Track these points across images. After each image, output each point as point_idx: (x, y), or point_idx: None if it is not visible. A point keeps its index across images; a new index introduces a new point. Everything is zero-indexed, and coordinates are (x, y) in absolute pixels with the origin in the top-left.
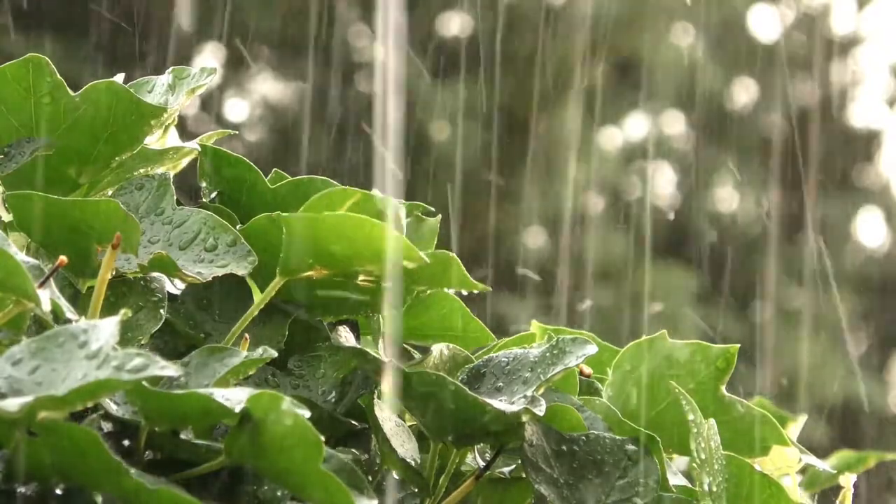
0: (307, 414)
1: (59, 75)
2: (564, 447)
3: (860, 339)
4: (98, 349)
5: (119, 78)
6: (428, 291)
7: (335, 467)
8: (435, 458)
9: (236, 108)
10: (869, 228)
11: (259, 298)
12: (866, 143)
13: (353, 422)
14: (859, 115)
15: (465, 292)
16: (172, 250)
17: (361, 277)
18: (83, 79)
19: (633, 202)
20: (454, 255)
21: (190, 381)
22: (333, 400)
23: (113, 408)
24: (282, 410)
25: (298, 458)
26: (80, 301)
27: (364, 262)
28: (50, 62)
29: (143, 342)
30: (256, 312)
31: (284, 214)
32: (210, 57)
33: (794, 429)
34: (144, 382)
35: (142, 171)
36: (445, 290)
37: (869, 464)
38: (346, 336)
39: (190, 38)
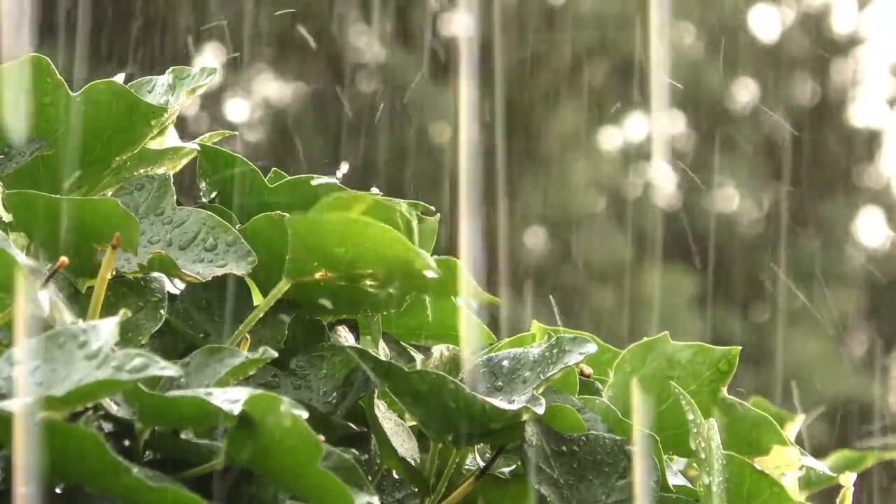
0: (305, 415)
1: (59, 75)
2: (564, 447)
3: (860, 339)
4: (98, 349)
5: (119, 78)
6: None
7: (334, 465)
8: (435, 458)
9: (236, 108)
10: (869, 228)
11: (264, 301)
12: (866, 143)
13: (352, 425)
14: (859, 115)
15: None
16: (172, 250)
17: (367, 281)
18: (83, 79)
19: (633, 202)
20: (459, 261)
21: (190, 381)
22: (334, 401)
23: (113, 408)
24: (280, 412)
25: (297, 458)
26: (80, 301)
27: (368, 266)
28: (50, 62)
29: (142, 342)
30: (261, 314)
31: (289, 216)
32: (210, 57)
33: (794, 428)
34: (142, 385)
35: (142, 171)
36: (454, 299)
37: (868, 464)
38: (345, 336)
39: (190, 38)
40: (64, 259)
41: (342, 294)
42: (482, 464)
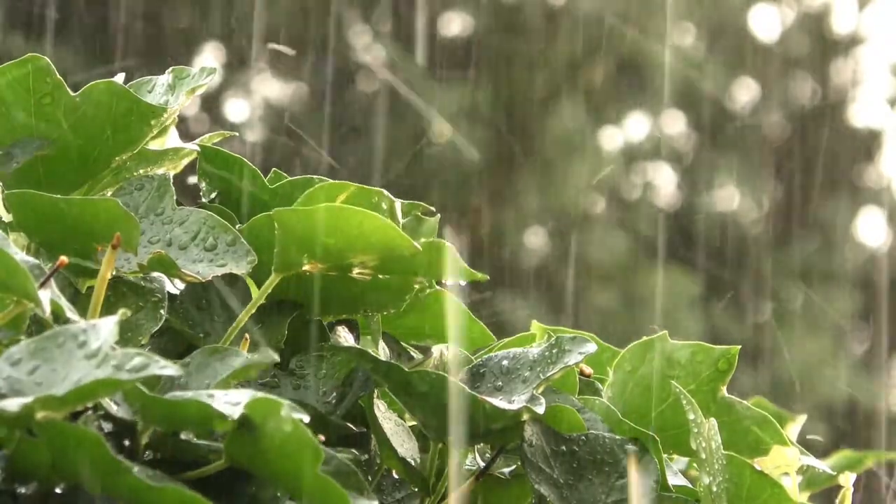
0: (306, 419)
1: (58, 75)
2: (564, 447)
3: (860, 339)
4: (97, 348)
5: (119, 78)
6: (427, 291)
7: (335, 469)
8: (435, 458)
9: (236, 108)
10: (869, 228)
11: (257, 296)
12: (866, 143)
13: (351, 426)
14: (859, 115)
15: (462, 284)
16: (172, 250)
17: (357, 270)
18: (83, 79)
19: (633, 202)
20: (448, 243)
21: (190, 381)
22: (334, 401)
23: (113, 408)
24: (281, 416)
25: (297, 463)
26: (80, 301)
27: (357, 254)
28: (50, 62)
29: (142, 342)
30: (254, 311)
31: (276, 210)
32: (210, 57)
33: (794, 429)
34: (142, 387)
35: (142, 171)
36: (443, 280)
37: (868, 464)
38: (345, 336)
39: (190, 38)
40: (63, 258)
41: (340, 291)
42: (482, 464)
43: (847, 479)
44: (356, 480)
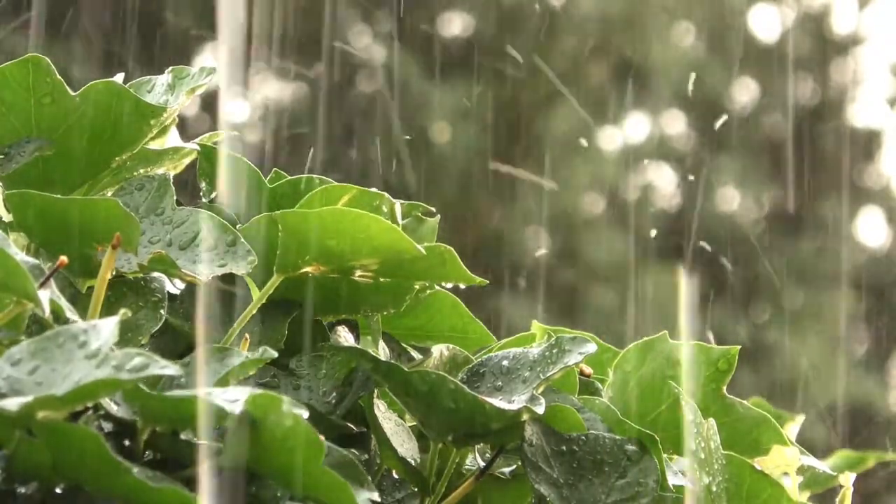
0: (306, 414)
1: (58, 75)
2: (564, 447)
3: (860, 339)
4: (97, 349)
5: (119, 78)
6: (427, 291)
7: (335, 461)
8: (435, 458)
9: (236, 108)
10: (869, 228)
11: (257, 297)
12: (866, 143)
13: (351, 426)
14: (859, 115)
15: (462, 286)
16: (172, 250)
17: (359, 273)
18: (82, 79)
19: (633, 202)
20: (450, 248)
21: (190, 381)
22: (334, 401)
23: (113, 408)
24: (281, 411)
25: (300, 458)
26: (80, 301)
27: (360, 257)
28: (50, 62)
29: (142, 342)
30: (255, 311)
31: (280, 211)
32: (210, 57)
33: (793, 428)
34: (143, 385)
35: (142, 171)
36: (444, 284)
37: (868, 464)
38: (345, 336)
39: (190, 38)
40: (64, 259)
41: (340, 292)
42: (482, 464)
43: (847, 479)
44: (356, 472)
